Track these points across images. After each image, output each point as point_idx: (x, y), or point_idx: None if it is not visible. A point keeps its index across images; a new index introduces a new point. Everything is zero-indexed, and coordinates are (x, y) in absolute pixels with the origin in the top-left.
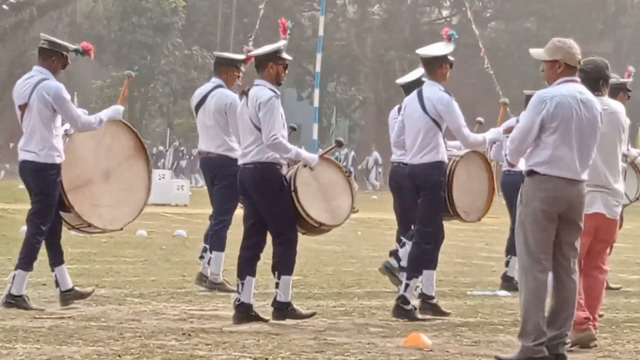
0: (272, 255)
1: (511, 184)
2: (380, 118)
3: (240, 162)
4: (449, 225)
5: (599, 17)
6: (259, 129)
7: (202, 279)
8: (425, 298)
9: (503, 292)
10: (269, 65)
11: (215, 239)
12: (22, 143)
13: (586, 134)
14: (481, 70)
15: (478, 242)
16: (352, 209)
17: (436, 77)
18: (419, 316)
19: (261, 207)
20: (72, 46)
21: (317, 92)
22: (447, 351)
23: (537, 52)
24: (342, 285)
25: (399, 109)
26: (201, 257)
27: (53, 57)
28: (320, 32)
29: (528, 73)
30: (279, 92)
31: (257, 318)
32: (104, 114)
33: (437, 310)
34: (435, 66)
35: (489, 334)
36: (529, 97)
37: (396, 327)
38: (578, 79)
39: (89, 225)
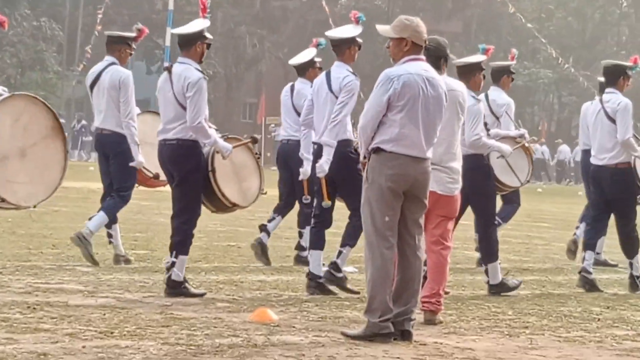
0: (170, 234)
1: None
2: (230, 93)
3: (160, 137)
4: None
5: None
6: (184, 108)
7: (118, 259)
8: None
9: (350, 268)
10: (195, 45)
11: (112, 212)
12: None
13: (432, 112)
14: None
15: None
16: (260, 191)
17: (344, 59)
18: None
19: (176, 181)
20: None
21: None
22: (294, 327)
23: (384, 29)
24: (190, 260)
25: (291, 87)
26: (110, 242)
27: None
28: (171, 6)
29: (377, 50)
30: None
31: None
32: None
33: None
34: (344, 47)
35: (336, 309)
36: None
37: (242, 302)
38: (423, 57)
39: (2, 200)
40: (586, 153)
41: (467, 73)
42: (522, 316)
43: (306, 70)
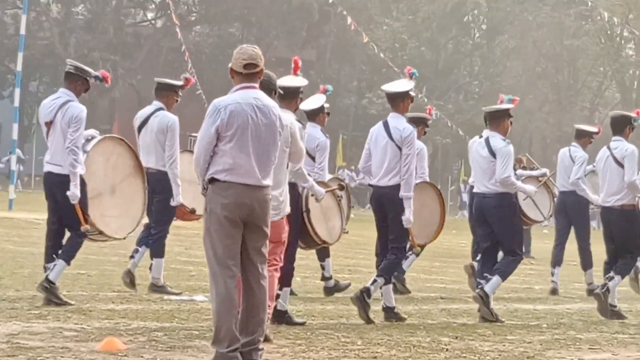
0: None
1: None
2: None
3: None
4: None
5: (303, 25)
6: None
7: (129, 275)
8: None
9: (200, 297)
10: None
11: (156, 247)
12: (48, 157)
13: (264, 139)
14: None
15: (177, 247)
16: (342, 230)
17: (399, 110)
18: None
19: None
20: (93, 72)
21: (17, 91)
22: (142, 356)
23: None
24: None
25: None
26: (131, 257)
27: (78, 82)
28: (22, 31)
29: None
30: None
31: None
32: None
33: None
34: (398, 100)
35: (185, 339)
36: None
37: (91, 331)
38: (256, 85)
39: (100, 232)
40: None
41: (497, 119)
42: (371, 346)
43: (317, 115)
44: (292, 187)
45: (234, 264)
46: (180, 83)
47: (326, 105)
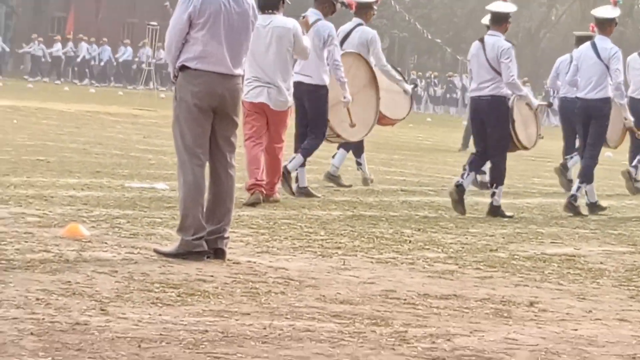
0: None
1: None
2: (38, 6)
3: (475, 94)
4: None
5: None
6: (497, 72)
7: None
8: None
9: (161, 185)
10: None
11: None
12: (298, 68)
13: (236, 28)
14: None
15: (135, 135)
16: (538, 135)
17: (606, 33)
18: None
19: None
20: None
21: None
22: (106, 242)
23: None
24: None
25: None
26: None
27: (326, 3)
28: None
29: None
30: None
31: None
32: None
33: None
34: (606, 25)
35: (148, 226)
36: (579, 39)
37: (53, 217)
38: None
39: (338, 135)
40: None
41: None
42: (335, 237)
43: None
44: (504, 100)
45: (202, 153)
46: None
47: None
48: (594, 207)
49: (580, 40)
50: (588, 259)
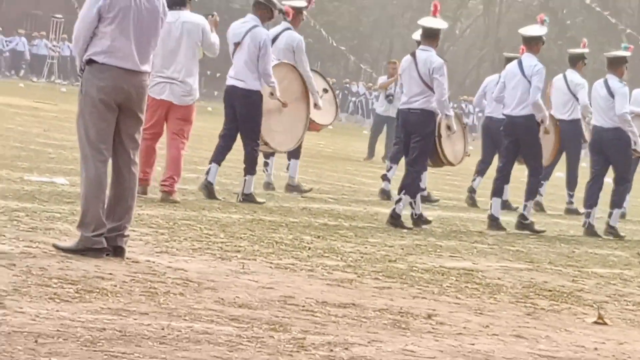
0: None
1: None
2: None
3: (405, 107)
4: None
5: None
6: (428, 86)
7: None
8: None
9: (61, 180)
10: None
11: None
12: (233, 73)
13: (146, 24)
14: None
15: (36, 128)
16: (465, 153)
17: (533, 51)
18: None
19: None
20: (279, 5)
21: None
22: (4, 235)
23: None
24: None
25: None
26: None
27: (264, 10)
28: None
29: None
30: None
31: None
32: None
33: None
34: (533, 43)
35: (47, 220)
36: (508, 59)
37: None
38: None
39: (265, 144)
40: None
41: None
42: (234, 240)
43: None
44: (432, 114)
45: (105, 148)
46: (304, 4)
47: None
48: (523, 225)
49: (509, 61)
50: (486, 274)
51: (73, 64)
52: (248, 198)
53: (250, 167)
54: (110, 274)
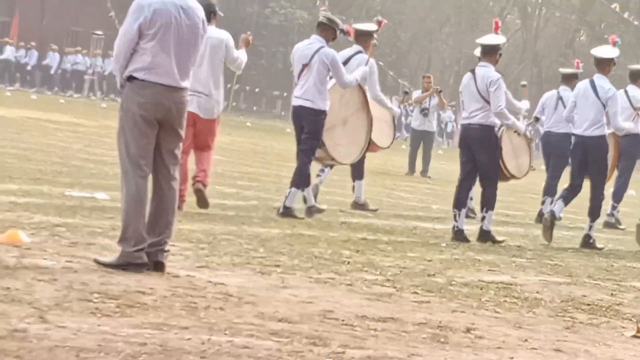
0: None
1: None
2: None
3: (466, 122)
4: None
5: None
6: (487, 101)
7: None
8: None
9: (102, 195)
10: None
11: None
12: (300, 93)
13: (186, 41)
14: None
15: (77, 144)
16: (530, 167)
17: (604, 72)
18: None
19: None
20: (341, 25)
21: None
22: (46, 250)
23: None
24: None
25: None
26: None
27: (329, 31)
28: None
29: None
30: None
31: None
32: (358, 75)
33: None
34: (604, 65)
35: (88, 236)
36: (565, 76)
37: None
38: None
39: (332, 158)
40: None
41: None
42: (274, 254)
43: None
44: (491, 128)
45: (146, 164)
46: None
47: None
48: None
49: (566, 77)
50: (524, 288)
51: (112, 80)
52: (287, 212)
53: (298, 181)
54: (151, 288)
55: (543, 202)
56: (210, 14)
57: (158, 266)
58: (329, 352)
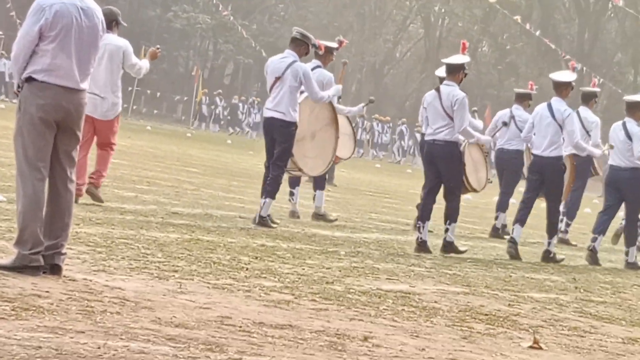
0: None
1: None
2: None
3: (430, 138)
4: None
5: None
6: (451, 118)
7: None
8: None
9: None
10: (460, 72)
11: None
12: (271, 105)
13: (86, 42)
14: None
15: None
16: (487, 180)
17: (562, 96)
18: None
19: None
20: (313, 40)
21: None
22: None
23: None
24: None
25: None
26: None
27: (302, 46)
28: None
29: None
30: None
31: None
32: (331, 92)
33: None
34: (562, 88)
35: None
36: (519, 95)
37: None
38: None
39: (299, 169)
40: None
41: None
42: (172, 259)
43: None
44: (455, 145)
45: (43, 166)
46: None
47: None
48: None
49: (520, 96)
50: (423, 297)
51: (10, 81)
52: (263, 221)
53: (272, 191)
54: (47, 292)
55: (496, 218)
56: (112, 22)
57: (55, 269)
58: (225, 359)
